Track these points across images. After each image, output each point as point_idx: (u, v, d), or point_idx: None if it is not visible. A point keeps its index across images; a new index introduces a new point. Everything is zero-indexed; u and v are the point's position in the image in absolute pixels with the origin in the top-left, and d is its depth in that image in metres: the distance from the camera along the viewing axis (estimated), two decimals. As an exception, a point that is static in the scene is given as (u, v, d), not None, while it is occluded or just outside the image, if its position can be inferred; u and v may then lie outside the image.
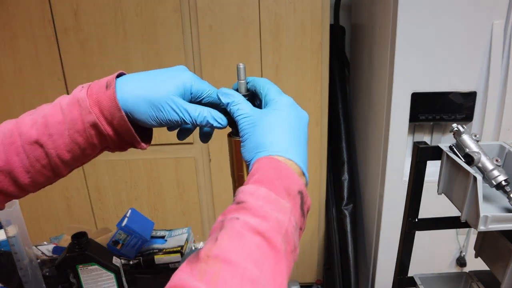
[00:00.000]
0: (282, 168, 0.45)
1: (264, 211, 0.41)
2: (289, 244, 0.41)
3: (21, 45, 1.50)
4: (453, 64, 1.27)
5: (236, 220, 0.40)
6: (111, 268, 0.91)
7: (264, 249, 0.38)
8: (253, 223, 0.39)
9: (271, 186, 0.43)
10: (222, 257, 0.37)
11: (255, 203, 0.41)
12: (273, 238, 0.39)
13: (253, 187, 0.43)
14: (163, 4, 1.46)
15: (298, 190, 0.45)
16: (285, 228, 0.41)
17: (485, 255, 0.70)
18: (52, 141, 0.52)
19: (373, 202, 1.59)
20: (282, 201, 0.42)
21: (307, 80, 1.57)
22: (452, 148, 0.64)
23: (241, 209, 0.41)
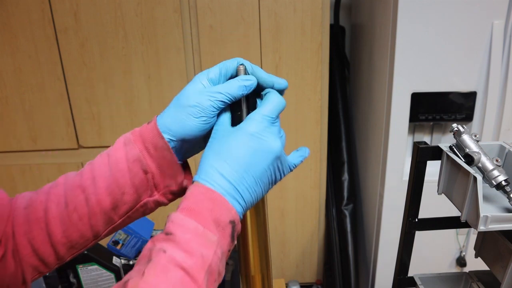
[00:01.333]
0: (216, 199, 0.45)
1: (190, 246, 0.42)
2: (212, 275, 0.43)
3: (21, 45, 1.50)
4: (453, 64, 1.27)
5: (163, 254, 0.41)
6: (111, 268, 0.91)
7: (187, 284, 0.41)
8: (179, 259, 0.41)
9: (200, 218, 0.44)
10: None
11: (183, 236, 0.42)
12: (196, 274, 0.41)
13: (182, 218, 0.44)
14: (163, 4, 1.46)
15: (230, 220, 0.45)
16: (208, 263, 0.42)
17: (485, 255, 0.70)
18: (94, 184, 0.52)
19: (373, 202, 1.59)
20: (209, 234, 0.44)
21: (307, 80, 1.57)
22: (452, 148, 0.64)
23: (169, 241, 0.42)
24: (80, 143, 1.64)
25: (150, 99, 1.57)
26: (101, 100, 1.58)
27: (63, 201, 0.52)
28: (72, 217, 0.52)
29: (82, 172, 0.53)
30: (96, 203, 0.52)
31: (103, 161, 0.53)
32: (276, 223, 1.78)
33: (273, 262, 0.62)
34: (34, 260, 0.53)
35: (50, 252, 0.53)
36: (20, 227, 0.52)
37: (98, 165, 0.53)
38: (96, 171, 0.53)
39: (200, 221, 0.44)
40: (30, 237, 0.52)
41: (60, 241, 0.52)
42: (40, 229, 0.52)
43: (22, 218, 0.52)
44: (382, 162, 1.45)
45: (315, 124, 1.63)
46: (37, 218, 0.52)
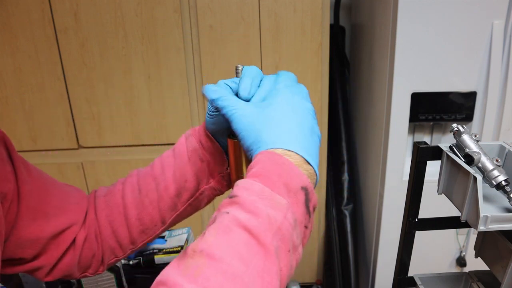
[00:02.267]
0: (283, 162, 0.42)
1: (256, 206, 0.39)
2: (284, 243, 0.39)
3: (21, 45, 1.50)
4: (453, 64, 1.27)
5: (226, 215, 0.39)
6: (111, 268, 0.91)
7: (252, 247, 0.37)
8: (242, 219, 0.38)
9: (268, 181, 0.41)
10: (206, 252, 0.36)
11: (248, 198, 0.40)
12: (262, 236, 0.37)
13: (248, 182, 0.41)
14: (163, 4, 1.46)
15: (302, 186, 0.42)
16: (277, 225, 0.39)
17: (485, 255, 0.70)
18: (163, 174, 0.61)
19: (373, 202, 1.59)
20: (278, 197, 0.40)
21: (307, 80, 1.57)
22: (452, 148, 0.64)
23: (233, 204, 0.40)
24: (80, 143, 1.64)
25: (150, 99, 1.57)
26: (101, 100, 1.58)
27: (137, 188, 0.62)
28: (144, 202, 0.61)
29: (153, 164, 0.63)
30: (164, 189, 0.60)
31: (169, 154, 0.62)
32: (276, 223, 1.78)
33: (273, 262, 0.62)
34: (113, 242, 0.62)
35: (125, 234, 0.62)
36: (102, 212, 0.62)
37: (165, 157, 0.62)
38: (164, 162, 0.61)
39: (267, 184, 0.41)
40: (110, 219, 0.62)
41: (134, 224, 0.61)
42: (119, 212, 0.61)
43: (103, 204, 0.62)
44: (382, 162, 1.45)
45: (315, 124, 1.63)
46: (116, 203, 0.62)
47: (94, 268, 0.64)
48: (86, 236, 0.61)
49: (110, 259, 0.64)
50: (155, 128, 1.60)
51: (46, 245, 0.56)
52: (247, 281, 0.35)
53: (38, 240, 0.55)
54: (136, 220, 0.61)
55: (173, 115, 1.58)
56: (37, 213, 0.55)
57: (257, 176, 0.41)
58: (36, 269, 0.58)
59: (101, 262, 0.63)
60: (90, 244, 0.61)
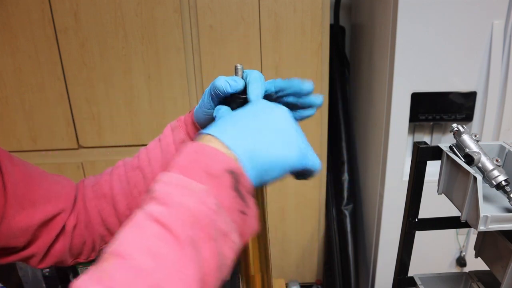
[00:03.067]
0: (203, 149, 0.40)
1: (169, 198, 0.37)
2: (203, 230, 0.37)
3: (21, 45, 1.50)
4: (453, 64, 1.27)
5: (140, 211, 0.37)
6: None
7: (163, 238, 0.35)
8: (154, 212, 0.36)
9: (185, 170, 0.39)
10: (116, 252, 0.34)
11: (163, 190, 0.38)
12: (173, 225, 0.35)
13: (166, 174, 0.40)
14: (163, 4, 1.46)
15: (226, 169, 0.39)
16: (190, 213, 0.37)
17: (485, 255, 0.70)
18: (150, 165, 0.61)
19: (373, 202, 1.59)
20: (194, 184, 0.38)
21: (307, 80, 1.56)
22: (452, 148, 0.64)
23: (150, 199, 0.38)
24: (80, 143, 1.64)
25: (150, 99, 1.57)
26: (101, 100, 1.58)
27: (125, 179, 0.62)
28: (133, 192, 0.62)
29: (139, 155, 0.63)
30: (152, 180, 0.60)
31: (156, 145, 0.62)
32: (276, 223, 1.78)
33: (273, 262, 0.62)
34: (103, 230, 0.63)
35: (115, 223, 0.63)
36: (91, 202, 0.63)
37: (152, 149, 0.62)
38: (150, 154, 0.62)
39: (184, 173, 0.39)
40: (99, 209, 0.63)
41: (124, 213, 0.62)
42: (107, 203, 0.62)
43: (91, 194, 0.63)
44: (382, 162, 1.45)
45: (315, 124, 1.63)
46: (104, 193, 0.63)
47: (85, 255, 0.65)
48: (76, 224, 0.62)
49: (101, 246, 0.66)
50: (155, 128, 1.60)
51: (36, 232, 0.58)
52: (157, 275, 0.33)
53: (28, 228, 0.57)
54: (126, 210, 0.62)
55: (173, 115, 1.57)
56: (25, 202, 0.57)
57: (176, 167, 0.40)
58: (29, 257, 0.59)
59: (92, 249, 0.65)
60: (80, 231, 0.62)
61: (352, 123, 1.89)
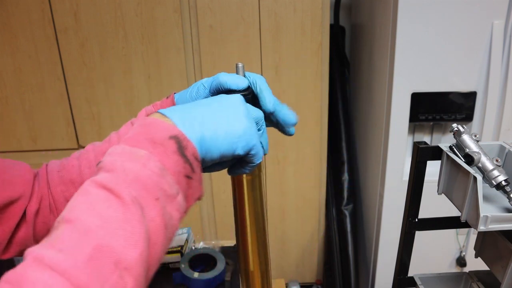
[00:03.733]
0: (148, 121, 0.43)
1: (113, 164, 0.39)
2: (148, 191, 0.39)
3: (21, 45, 1.50)
4: (453, 64, 1.27)
5: (88, 181, 0.39)
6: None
7: (108, 201, 0.37)
8: (99, 179, 0.38)
9: (130, 140, 0.42)
10: (66, 218, 0.36)
11: (109, 159, 0.40)
12: (117, 188, 0.37)
13: (113, 147, 0.42)
14: (163, 4, 1.46)
15: (170, 135, 0.42)
16: (133, 175, 0.38)
17: (485, 255, 0.70)
18: None
19: (373, 202, 1.59)
20: (136, 150, 0.41)
21: (307, 80, 1.57)
22: (452, 148, 0.64)
23: (98, 170, 0.40)
24: (80, 143, 1.64)
25: (150, 99, 1.57)
26: (101, 100, 1.58)
27: (94, 165, 0.59)
28: None
29: (110, 140, 0.61)
30: None
31: (128, 129, 0.60)
32: (276, 222, 1.78)
33: (273, 262, 0.62)
34: None
35: None
36: (57, 187, 0.60)
37: (123, 134, 0.60)
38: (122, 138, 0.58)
39: (129, 143, 0.41)
40: (66, 195, 0.60)
41: None
42: (75, 188, 0.59)
43: (57, 180, 0.61)
44: (382, 162, 1.45)
45: (315, 124, 1.63)
46: (72, 179, 0.60)
47: None
48: (38, 210, 0.60)
49: None
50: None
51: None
52: (102, 234, 0.34)
53: None
54: None
55: (173, 115, 1.57)
56: None
57: (122, 141, 0.42)
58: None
59: None
60: (44, 218, 0.60)
61: (352, 123, 1.89)
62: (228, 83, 0.52)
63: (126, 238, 0.35)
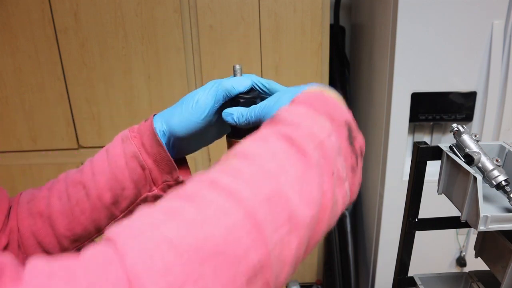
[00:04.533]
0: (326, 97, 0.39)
1: (298, 121, 0.36)
2: (327, 163, 0.35)
3: (21, 45, 1.50)
4: (453, 64, 1.27)
5: (264, 129, 0.36)
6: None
7: (291, 154, 0.33)
8: (282, 130, 0.35)
9: (311, 106, 0.38)
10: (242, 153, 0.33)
11: (289, 116, 0.36)
12: (303, 144, 0.34)
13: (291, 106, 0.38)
14: (163, 4, 1.46)
15: (345, 121, 0.39)
16: (319, 140, 0.35)
17: (485, 255, 0.70)
18: (94, 181, 0.53)
19: (373, 202, 1.59)
20: (322, 119, 0.37)
21: (307, 80, 1.57)
22: (452, 148, 0.64)
23: (272, 122, 0.37)
24: (80, 143, 1.64)
25: (150, 99, 1.57)
26: (101, 100, 1.58)
27: (65, 195, 0.54)
28: (74, 211, 0.53)
29: (83, 168, 0.55)
30: (96, 198, 0.53)
31: (102, 157, 0.55)
32: (276, 223, 1.78)
33: (273, 262, 0.61)
34: (39, 252, 0.54)
35: (54, 244, 0.54)
36: (24, 221, 0.54)
37: (97, 162, 0.55)
38: (95, 167, 0.54)
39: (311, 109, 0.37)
40: (33, 229, 0.54)
41: (63, 234, 0.54)
42: (43, 222, 0.54)
43: (25, 212, 0.54)
44: (382, 162, 1.45)
45: (315, 124, 1.63)
46: (40, 211, 0.54)
47: None
48: (8, 244, 0.53)
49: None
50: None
51: None
52: (283, 182, 0.31)
53: None
54: (65, 230, 0.54)
55: (173, 115, 1.57)
56: None
57: (300, 102, 0.39)
58: None
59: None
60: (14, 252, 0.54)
61: (352, 123, 1.89)
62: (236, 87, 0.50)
63: (302, 195, 0.32)
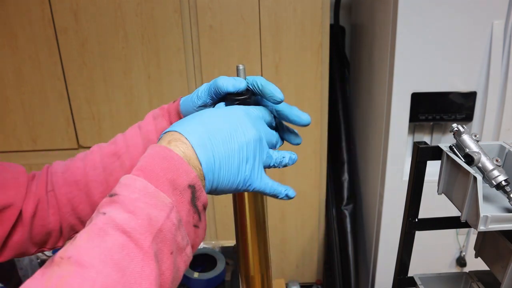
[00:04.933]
0: (172, 157, 0.40)
1: (136, 206, 0.36)
2: (166, 245, 0.36)
3: (21, 45, 1.50)
4: (453, 64, 1.27)
5: (102, 216, 0.35)
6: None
7: (129, 251, 0.34)
8: (119, 220, 0.35)
9: (152, 176, 0.39)
10: (75, 259, 0.32)
11: (128, 196, 0.37)
12: (141, 239, 0.34)
13: (131, 178, 0.39)
14: (163, 4, 1.46)
15: (188, 184, 0.40)
16: (158, 227, 0.36)
17: (485, 255, 0.70)
18: (129, 153, 0.59)
19: (373, 202, 1.59)
20: (162, 195, 0.38)
21: (307, 80, 1.57)
22: (452, 148, 0.64)
23: (112, 203, 0.37)
24: (80, 143, 1.64)
25: (150, 99, 1.57)
26: (101, 100, 1.58)
27: (100, 166, 0.59)
28: (109, 180, 0.59)
29: (115, 141, 0.60)
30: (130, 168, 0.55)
31: (135, 132, 0.60)
32: (276, 223, 1.78)
33: (273, 262, 0.61)
34: (73, 219, 0.60)
35: (87, 212, 0.60)
36: (61, 189, 0.59)
37: (130, 136, 0.60)
38: (129, 141, 0.59)
39: (151, 181, 0.38)
40: (70, 197, 0.59)
41: (97, 202, 0.57)
42: (79, 190, 0.59)
43: (61, 181, 0.59)
44: (382, 162, 1.45)
45: (315, 124, 1.63)
46: (76, 180, 0.59)
47: (51, 244, 0.62)
48: (35, 212, 0.58)
49: (71, 235, 0.62)
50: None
51: None
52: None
53: None
54: (99, 198, 0.58)
55: (173, 115, 1.57)
56: None
57: (142, 171, 0.39)
58: None
59: (59, 238, 0.62)
60: (43, 221, 0.59)
61: (352, 123, 1.89)
62: (225, 85, 0.51)
63: None
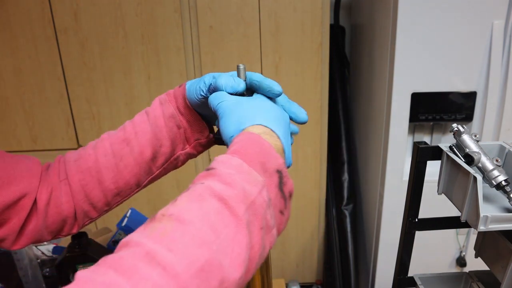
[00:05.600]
0: (262, 143, 0.44)
1: (232, 179, 0.39)
2: (257, 219, 0.39)
3: (21, 45, 1.50)
4: (453, 64, 1.27)
5: (201, 185, 0.39)
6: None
7: (224, 216, 0.36)
8: (217, 189, 0.38)
9: (246, 157, 0.42)
10: (176, 216, 0.35)
11: (225, 170, 0.40)
12: (236, 206, 0.37)
13: (227, 157, 0.42)
14: (163, 4, 1.46)
15: (276, 169, 0.43)
16: (251, 199, 0.39)
17: (485, 255, 0.70)
18: (137, 138, 0.60)
19: (373, 202, 1.59)
20: (255, 173, 0.41)
21: (307, 80, 1.57)
22: (452, 148, 0.64)
23: (209, 175, 0.40)
24: (80, 143, 1.64)
25: (150, 99, 1.57)
26: (101, 100, 1.58)
27: (110, 152, 0.61)
28: (119, 166, 0.61)
29: (124, 128, 0.62)
30: (139, 154, 0.60)
31: (143, 119, 0.61)
32: (276, 223, 1.78)
33: (273, 262, 0.62)
34: (86, 205, 0.62)
35: (100, 198, 0.62)
36: (75, 176, 0.61)
37: (138, 122, 0.61)
38: (137, 127, 0.61)
39: (246, 160, 0.41)
40: (83, 183, 0.61)
41: (108, 187, 0.61)
42: (91, 176, 0.61)
43: (74, 169, 0.62)
44: (382, 162, 1.45)
45: (315, 124, 1.63)
46: (88, 167, 0.61)
47: (66, 231, 0.64)
48: (49, 201, 0.60)
49: (85, 221, 0.64)
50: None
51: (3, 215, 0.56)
52: (215, 249, 0.34)
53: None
54: (110, 184, 0.61)
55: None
56: None
57: (236, 153, 0.42)
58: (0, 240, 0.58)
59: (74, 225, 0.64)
60: (57, 209, 0.61)
61: (352, 123, 1.89)
62: (224, 86, 0.53)
63: (233, 258, 0.35)
